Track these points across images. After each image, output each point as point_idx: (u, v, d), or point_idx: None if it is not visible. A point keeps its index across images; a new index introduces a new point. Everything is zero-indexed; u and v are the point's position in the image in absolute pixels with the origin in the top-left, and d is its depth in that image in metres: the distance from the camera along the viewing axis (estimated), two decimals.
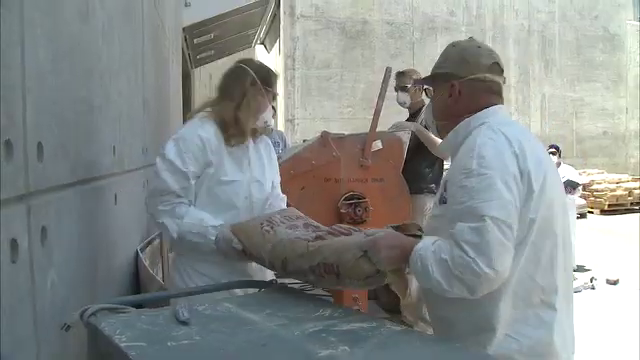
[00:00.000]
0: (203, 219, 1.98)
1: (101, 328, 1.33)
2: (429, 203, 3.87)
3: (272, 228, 1.93)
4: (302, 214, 2.20)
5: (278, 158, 2.77)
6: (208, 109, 2.12)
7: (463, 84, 1.59)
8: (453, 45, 1.69)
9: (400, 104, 4.05)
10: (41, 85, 1.38)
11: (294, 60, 13.18)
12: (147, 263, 2.97)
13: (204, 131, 2.02)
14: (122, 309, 1.50)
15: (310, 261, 1.69)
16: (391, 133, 3.69)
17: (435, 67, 1.68)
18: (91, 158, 1.94)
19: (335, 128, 13.40)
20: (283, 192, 2.41)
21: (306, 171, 3.48)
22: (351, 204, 3.47)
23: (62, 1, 1.63)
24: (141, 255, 2.86)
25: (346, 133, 3.77)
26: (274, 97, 2.19)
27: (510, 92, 14.66)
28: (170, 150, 1.98)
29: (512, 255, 1.37)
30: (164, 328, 1.35)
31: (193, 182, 2.00)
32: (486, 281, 1.35)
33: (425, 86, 3.99)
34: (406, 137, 3.64)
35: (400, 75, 4.02)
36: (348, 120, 13.34)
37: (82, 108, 1.83)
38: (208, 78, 18.74)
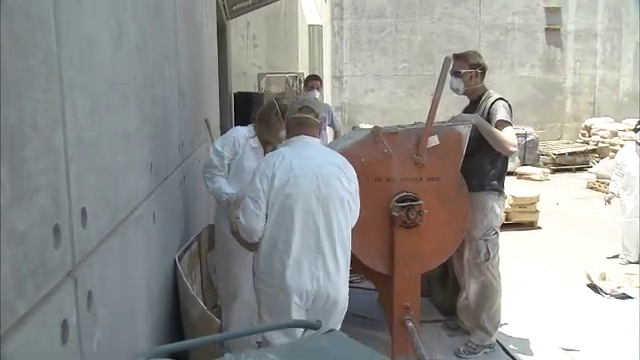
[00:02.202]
0: (221, 187, 3.66)
1: None
2: (491, 201, 3.91)
3: None
4: None
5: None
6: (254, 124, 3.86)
7: (289, 121, 2.99)
8: None
9: (453, 90, 4.04)
10: (81, 147, 1.51)
11: (342, 9, 13.02)
12: (185, 271, 3.18)
13: (238, 134, 3.79)
14: None
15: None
16: (449, 127, 3.71)
17: None
18: (129, 191, 2.10)
19: (389, 86, 13.30)
20: None
21: (354, 170, 3.57)
22: (404, 207, 3.54)
23: (96, 36, 1.74)
24: (179, 266, 3.06)
25: (398, 128, 3.80)
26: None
27: (596, 42, 14.02)
28: (217, 143, 3.83)
29: (261, 218, 2.74)
30: None
31: (227, 162, 3.71)
32: (247, 230, 2.78)
33: (481, 70, 3.95)
34: (466, 131, 3.65)
35: (455, 58, 3.98)
36: (403, 77, 13.20)
37: (119, 144, 1.98)
38: (245, 27, 18.77)
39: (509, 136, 3.76)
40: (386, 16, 13.04)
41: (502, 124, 3.76)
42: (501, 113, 3.78)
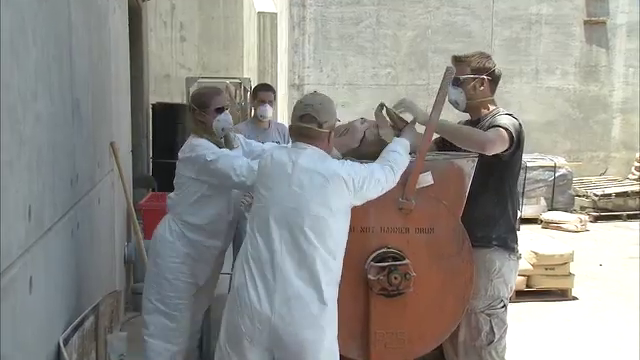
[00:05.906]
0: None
1: None
2: (498, 262, 3.94)
3: None
4: None
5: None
6: None
7: (290, 128, 3.62)
8: None
9: (452, 104, 4.06)
10: None
11: None
12: (74, 358, 3.18)
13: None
14: None
15: None
16: (447, 161, 3.80)
17: None
18: None
19: (367, 98, 13.41)
20: None
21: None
22: (384, 268, 3.59)
23: None
24: (64, 352, 3.05)
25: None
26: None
27: None
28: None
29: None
30: None
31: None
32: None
33: (489, 77, 4.04)
34: (469, 166, 3.74)
35: (455, 62, 4.03)
36: (387, 87, 13.31)
37: None
38: (169, 12, 18.92)
39: (489, 133, 3.81)
40: (364, 3, 13.23)
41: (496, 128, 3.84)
42: (503, 121, 3.85)
